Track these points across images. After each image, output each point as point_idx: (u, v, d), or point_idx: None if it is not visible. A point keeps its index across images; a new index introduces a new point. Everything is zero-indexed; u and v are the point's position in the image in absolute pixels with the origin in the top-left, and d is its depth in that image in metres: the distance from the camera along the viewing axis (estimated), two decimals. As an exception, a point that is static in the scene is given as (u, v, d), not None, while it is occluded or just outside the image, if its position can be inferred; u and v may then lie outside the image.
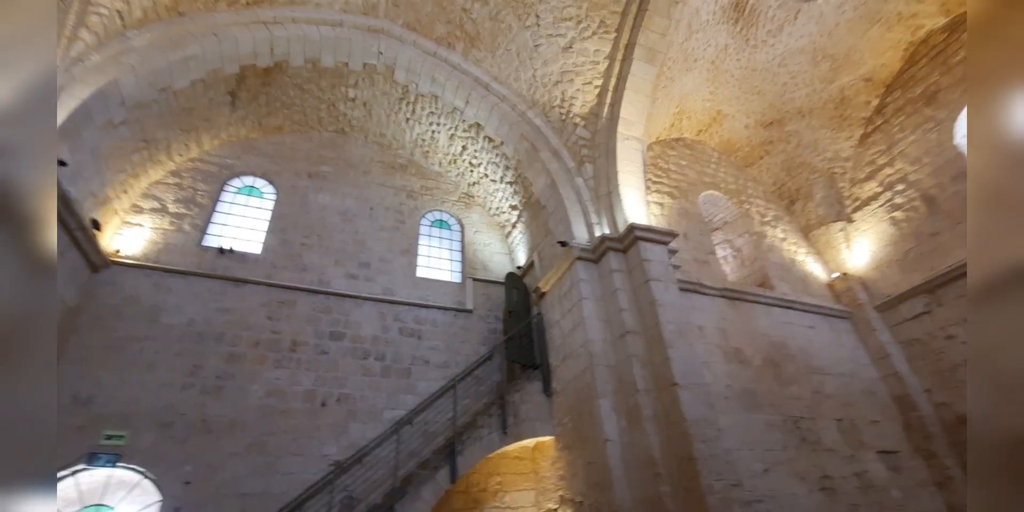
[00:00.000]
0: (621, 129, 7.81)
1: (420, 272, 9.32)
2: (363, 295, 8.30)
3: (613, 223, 7.40)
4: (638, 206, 7.49)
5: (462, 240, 10.21)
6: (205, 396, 6.51)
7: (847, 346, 8.30)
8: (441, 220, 10.43)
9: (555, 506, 6.69)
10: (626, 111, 7.86)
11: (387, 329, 8.15)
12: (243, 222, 8.64)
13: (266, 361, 7.09)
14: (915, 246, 8.47)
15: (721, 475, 5.22)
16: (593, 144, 8.19)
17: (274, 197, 9.06)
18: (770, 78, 9.48)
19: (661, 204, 8.87)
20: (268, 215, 8.81)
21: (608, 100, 8.07)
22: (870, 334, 8.45)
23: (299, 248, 8.50)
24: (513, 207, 9.97)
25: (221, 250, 7.85)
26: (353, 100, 9.89)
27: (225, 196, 8.77)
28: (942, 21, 8.73)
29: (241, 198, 8.91)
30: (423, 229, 10.04)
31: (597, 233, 7.45)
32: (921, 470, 7.31)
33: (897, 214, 8.86)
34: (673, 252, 7.24)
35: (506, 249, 10.38)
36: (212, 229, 8.26)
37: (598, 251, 7.20)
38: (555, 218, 8.24)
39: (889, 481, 6.86)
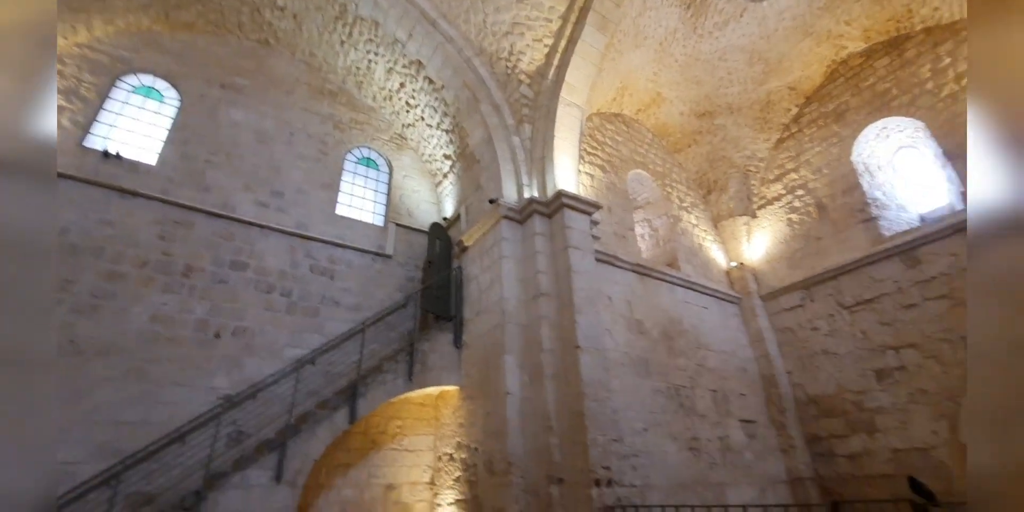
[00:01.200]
0: (564, 94, 7.72)
1: (340, 210, 8.82)
2: (273, 226, 7.71)
3: (543, 187, 7.45)
4: (569, 174, 7.58)
5: (389, 182, 9.75)
6: (76, 315, 5.77)
7: (732, 328, 9.28)
8: (369, 158, 9.85)
9: (451, 451, 6.95)
10: (572, 76, 7.77)
11: (297, 265, 7.69)
12: (136, 126, 7.53)
13: (153, 284, 6.40)
14: (802, 247, 9.51)
15: (605, 431, 5.70)
16: (535, 104, 8.05)
17: (177, 103, 7.96)
18: (710, 70, 9.81)
19: (592, 175, 9.05)
20: (168, 123, 7.75)
21: (556, 62, 7.93)
22: (752, 319, 9.49)
23: (203, 165, 7.62)
24: (447, 156, 9.65)
25: (107, 154, 6.80)
26: (282, 10, 8.81)
27: (117, 94, 7.54)
28: (862, 46, 9.45)
29: (136, 99, 7.72)
30: (348, 165, 9.43)
31: (526, 194, 7.48)
32: (772, 438, 8.48)
33: (793, 216, 9.83)
34: (595, 223, 7.49)
35: (434, 198, 10.10)
36: (97, 129, 7.12)
37: (524, 212, 7.26)
38: (487, 174, 8.12)
39: (745, 446, 7.92)
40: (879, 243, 8.34)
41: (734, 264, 10.17)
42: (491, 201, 7.49)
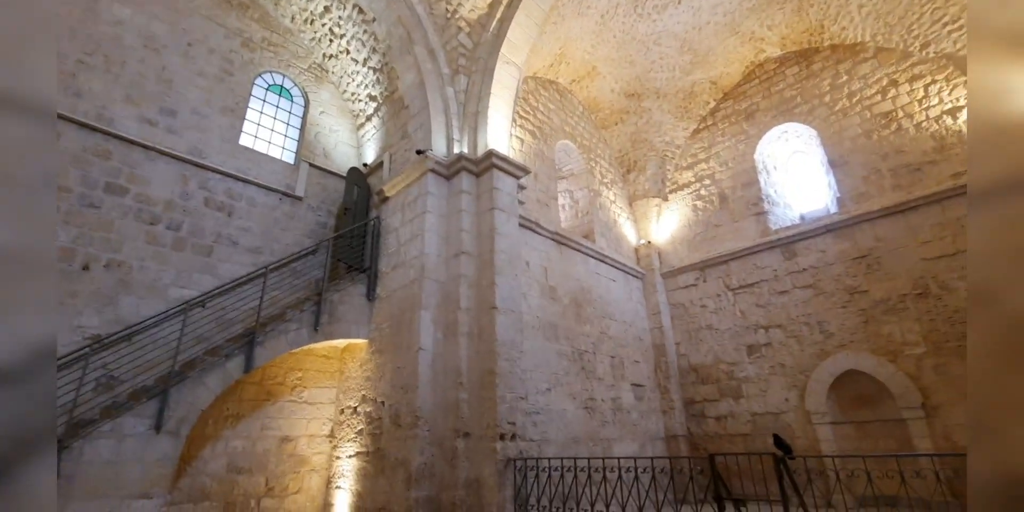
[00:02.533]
0: (505, 50, 7.46)
1: (245, 140, 7.85)
2: (162, 148, 6.66)
3: (473, 144, 7.24)
4: (502, 134, 7.43)
5: (304, 117, 8.84)
6: None
7: (634, 301, 9.96)
8: (282, 87, 8.81)
9: (355, 404, 6.74)
10: (514, 34, 7.52)
11: (189, 196, 6.76)
12: (-22, -2, 5.95)
13: None
14: (702, 232, 10.37)
15: (513, 389, 5.89)
16: (472, 56, 7.69)
17: (40, -20, 6.39)
18: (644, 52, 10.01)
19: (522, 140, 8.97)
20: (25, 2, 6.21)
21: (499, 14, 7.57)
22: (653, 294, 10.27)
23: (74, 66, 6.29)
24: (372, 98, 8.94)
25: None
26: None
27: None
28: (778, 52, 10.24)
29: (-21, -39, 6.06)
30: (257, 91, 8.36)
31: (456, 150, 7.22)
32: (656, 400, 9.41)
33: (699, 203, 10.63)
34: (522, 188, 7.49)
35: (355, 142, 9.37)
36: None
37: (452, 168, 7.04)
38: (416, 122, 7.68)
39: (633, 406, 8.70)
40: (765, 235, 9.34)
41: (643, 242, 10.84)
42: (419, 152, 7.12)
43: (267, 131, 8.34)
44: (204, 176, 7.01)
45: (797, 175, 10.05)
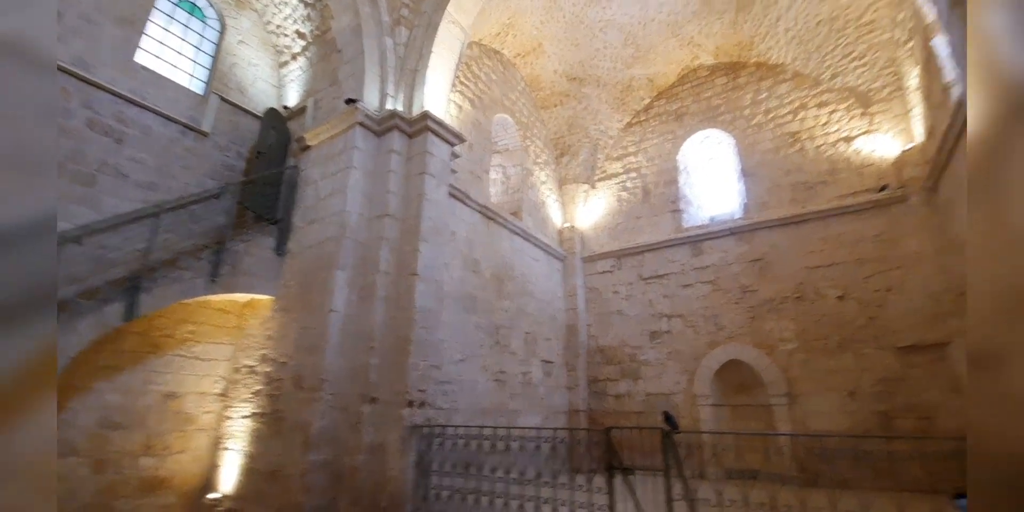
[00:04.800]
0: (451, 9, 7.06)
1: (142, 58, 6.80)
2: (36, 51, 5.54)
3: (409, 103, 6.88)
4: (440, 97, 7.13)
5: (219, 44, 7.85)
6: None
7: (553, 281, 10.20)
8: (193, 3, 7.73)
9: (254, 363, 6.23)
10: None
11: (70, 114, 5.73)
12: None
13: None
14: (623, 222, 10.82)
15: (427, 358, 5.79)
16: (416, 9, 7.20)
17: None
18: (590, 38, 10.01)
19: (460, 107, 8.69)
20: None
21: (451, -32, 7.12)
22: (571, 276, 10.61)
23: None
24: (300, 35, 8.13)
25: None
26: None
27: None
28: (711, 61, 10.79)
29: None
30: (162, 3, 7.25)
31: (389, 106, 6.81)
32: (563, 377, 9.80)
33: (623, 194, 11.05)
34: (456, 156, 7.27)
35: (276, 80, 8.51)
36: None
37: (384, 124, 6.63)
38: (348, 70, 7.11)
39: (542, 381, 8.98)
40: (678, 232, 9.96)
41: (567, 225, 11.08)
42: (349, 101, 6.61)
43: (173, 53, 7.30)
44: (89, 93, 5.98)
45: (711, 179, 10.77)
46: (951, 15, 3.49)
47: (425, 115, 6.56)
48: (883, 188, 8.04)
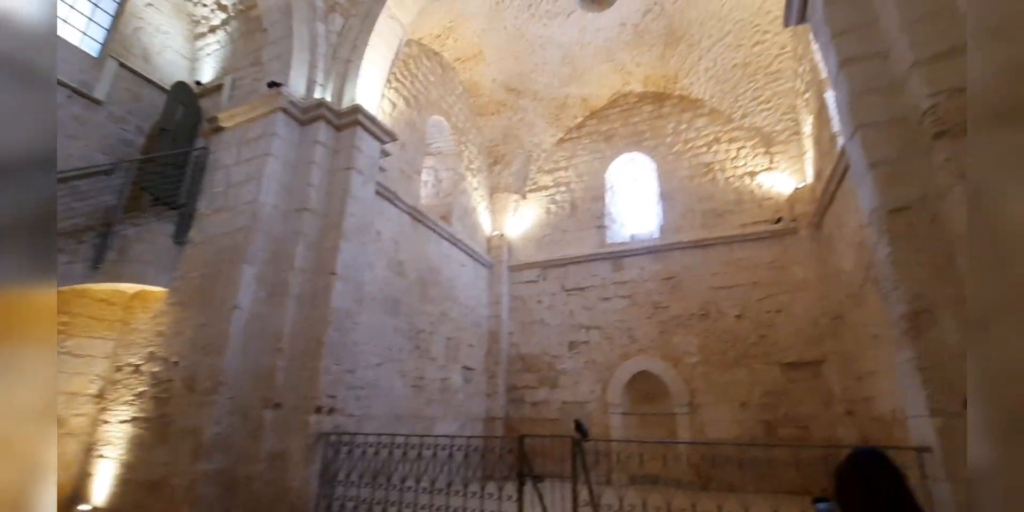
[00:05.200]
0: (391, 4, 6.84)
1: (31, 8, 5.90)
2: None
3: (339, 94, 6.55)
4: (373, 92, 6.88)
5: (122, 2, 7.03)
6: None
7: (479, 288, 10.15)
8: (102, -43, 6.89)
9: (140, 362, 5.50)
10: None
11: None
12: None
13: None
14: (551, 234, 11.06)
15: (340, 361, 5.48)
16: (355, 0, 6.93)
17: None
18: (530, 52, 10.15)
19: (394, 104, 8.44)
20: None
21: (394, -43, 6.92)
22: (497, 284, 10.64)
23: None
24: (221, 6, 7.50)
25: None
26: None
27: None
28: (640, 89, 11.42)
29: None
30: (63, -49, 6.40)
31: (317, 94, 6.47)
32: (482, 384, 9.72)
33: (552, 207, 11.32)
34: (386, 154, 7.04)
35: (190, 52, 7.76)
36: None
37: (310, 114, 6.24)
38: (273, 51, 6.65)
39: (461, 387, 8.83)
40: (602, 247, 10.36)
41: (497, 233, 11.12)
42: (272, 84, 6.17)
43: (63, 5, 6.42)
44: (-47, 36, 5.07)
45: (635, 199, 11.35)
46: (839, 74, 3.96)
47: (356, 109, 6.28)
48: (778, 220, 8.94)
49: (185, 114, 6.71)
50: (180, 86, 6.87)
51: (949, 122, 3.10)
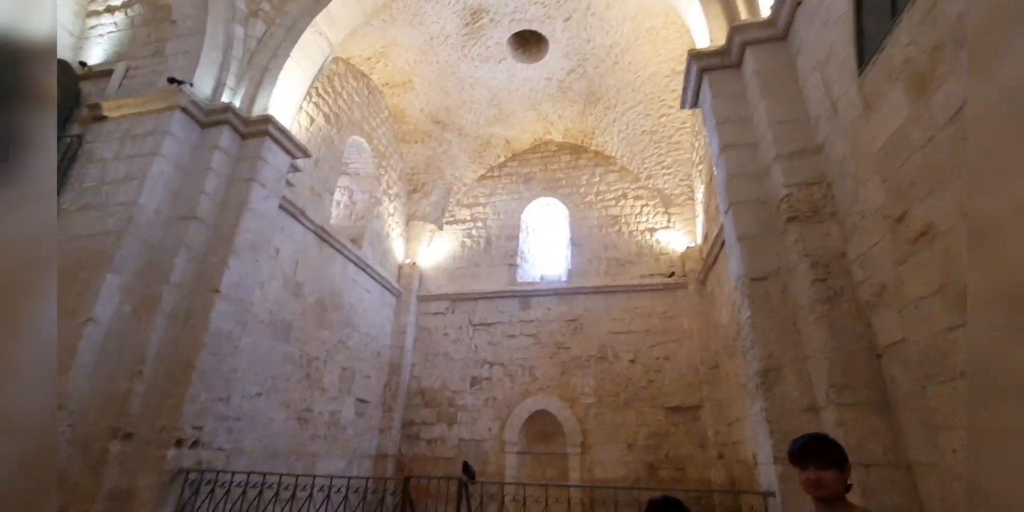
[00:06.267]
0: (321, 19, 6.71)
1: None
2: None
3: (251, 101, 6.28)
4: (290, 104, 6.69)
5: (19, -24, 6.29)
6: None
7: (384, 316, 9.77)
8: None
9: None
10: (337, 8, 6.85)
11: None
12: None
13: None
14: (463, 267, 11.06)
15: (213, 389, 5.00)
16: (281, 9, 6.72)
17: None
18: (459, 89, 10.37)
19: (312, 119, 8.12)
20: None
21: (329, -20, 6.87)
22: (404, 313, 10.33)
23: None
24: (124, -16, 6.97)
25: None
26: None
27: None
28: (560, 139, 12.04)
29: None
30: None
31: (225, 98, 6.16)
32: (377, 418, 9.18)
33: (467, 241, 11.39)
34: (296, 169, 6.80)
35: (78, 28, 7.00)
36: None
37: (214, 117, 5.90)
38: (181, 45, 6.26)
39: (352, 422, 8.25)
40: (512, 285, 10.55)
41: (409, 261, 10.90)
42: (173, 81, 5.78)
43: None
44: None
45: (547, 242, 11.76)
46: (720, 156, 4.59)
47: (267, 118, 6.02)
48: (671, 274, 9.76)
49: (61, 95, 6.00)
50: (59, 64, 6.17)
51: (798, 210, 3.66)
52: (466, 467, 5.19)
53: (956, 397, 2.40)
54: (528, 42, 9.61)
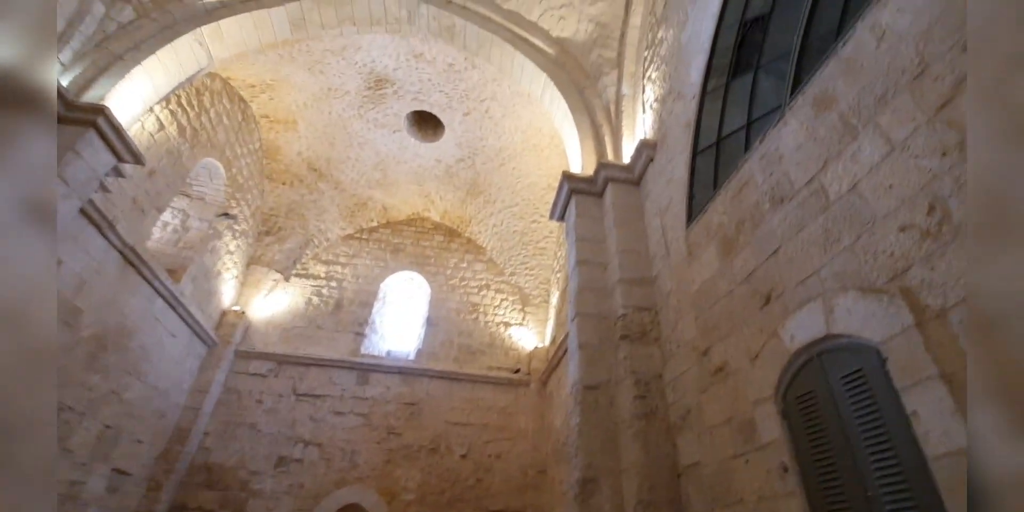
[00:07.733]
0: (206, 31, 6.40)
1: None
2: None
3: (85, 84, 5.48)
4: (137, 103, 5.98)
5: None
6: None
7: (185, 368, 8.19)
8: None
9: None
10: (229, 26, 6.58)
11: None
12: None
13: None
14: (301, 327, 10.06)
15: None
16: (161, 5, 6.21)
17: None
18: (346, 144, 10.20)
19: (163, 126, 7.11)
20: None
21: (226, -5, 6.66)
22: (213, 369, 8.75)
23: None
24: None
25: None
26: None
27: None
28: (437, 219, 12.17)
29: None
30: None
31: (64, 82, 5.34)
32: (135, 498, 7.19)
33: (315, 299, 10.54)
34: (120, 174, 5.82)
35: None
36: None
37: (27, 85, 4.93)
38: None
39: (98, 499, 6.31)
40: (354, 355, 9.82)
41: (237, 309, 9.58)
42: None
43: None
44: None
45: (402, 317, 11.39)
46: (574, 269, 5.14)
47: (99, 109, 5.21)
48: (517, 370, 10.02)
49: None
50: None
51: (631, 330, 4.14)
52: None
53: (736, 522, 2.67)
54: (427, 122, 10.10)
